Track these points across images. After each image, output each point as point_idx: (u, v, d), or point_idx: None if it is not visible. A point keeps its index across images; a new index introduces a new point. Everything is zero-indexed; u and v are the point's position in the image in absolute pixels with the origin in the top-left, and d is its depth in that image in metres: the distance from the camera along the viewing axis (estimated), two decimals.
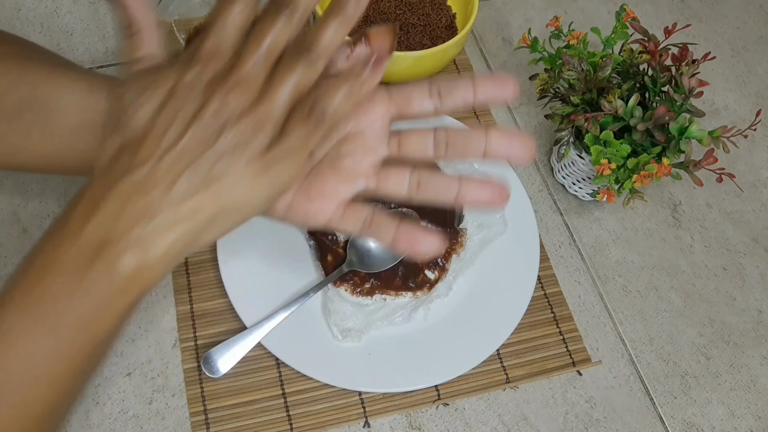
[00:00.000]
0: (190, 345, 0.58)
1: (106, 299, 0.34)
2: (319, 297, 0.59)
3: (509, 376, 0.59)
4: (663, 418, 0.60)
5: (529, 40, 0.68)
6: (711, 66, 0.75)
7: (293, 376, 0.57)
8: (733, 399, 0.61)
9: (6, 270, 0.59)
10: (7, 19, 0.72)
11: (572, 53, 0.64)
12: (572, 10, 0.83)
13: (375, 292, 0.59)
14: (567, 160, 0.66)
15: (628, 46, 0.65)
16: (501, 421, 0.58)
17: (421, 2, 0.74)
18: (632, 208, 0.70)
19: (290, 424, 0.55)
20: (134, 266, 0.34)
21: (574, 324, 0.63)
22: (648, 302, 0.65)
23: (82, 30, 0.73)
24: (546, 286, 0.64)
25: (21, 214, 0.62)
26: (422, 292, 0.60)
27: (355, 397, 0.57)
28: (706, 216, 0.71)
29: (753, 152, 0.76)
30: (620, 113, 0.59)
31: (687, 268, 0.68)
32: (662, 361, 0.62)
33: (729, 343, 0.64)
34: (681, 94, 0.60)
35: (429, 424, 0.57)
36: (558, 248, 0.67)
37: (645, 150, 0.60)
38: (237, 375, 0.56)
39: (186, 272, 0.61)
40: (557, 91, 0.66)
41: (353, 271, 0.59)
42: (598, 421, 0.59)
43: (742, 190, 0.72)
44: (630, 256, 0.67)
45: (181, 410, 0.55)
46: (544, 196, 0.70)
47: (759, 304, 0.66)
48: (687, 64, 0.61)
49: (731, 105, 0.79)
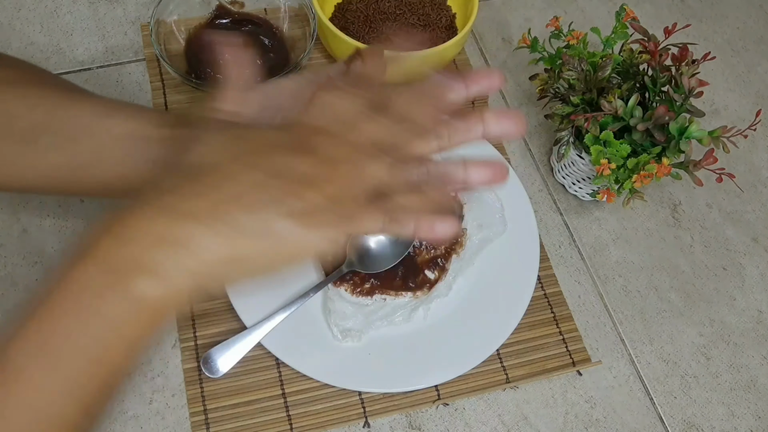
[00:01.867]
0: (190, 345, 0.58)
1: (123, 324, 0.34)
2: (319, 297, 0.59)
3: (509, 376, 0.59)
4: (663, 418, 0.60)
5: (529, 40, 0.68)
6: (711, 66, 0.75)
7: (293, 376, 0.57)
8: (733, 399, 0.61)
9: (6, 270, 0.59)
10: (7, 18, 0.72)
11: (572, 53, 0.64)
12: (572, 10, 0.83)
13: (375, 292, 0.59)
14: (567, 160, 0.66)
15: (628, 46, 0.65)
16: (501, 421, 0.58)
17: (421, 2, 0.74)
18: (632, 208, 0.70)
19: (290, 424, 0.55)
20: (155, 294, 0.34)
21: (574, 324, 0.63)
22: (648, 302, 0.65)
23: (82, 30, 0.73)
24: (546, 286, 0.64)
25: (21, 214, 0.62)
26: (422, 292, 0.60)
27: (355, 397, 0.57)
28: (706, 216, 0.71)
29: (753, 152, 0.76)
30: (620, 113, 0.59)
31: (687, 268, 0.68)
32: (662, 361, 0.62)
33: (729, 343, 0.64)
34: (681, 94, 0.60)
35: (429, 424, 0.57)
36: (558, 248, 0.67)
37: (645, 150, 0.60)
38: (237, 375, 0.56)
39: None
40: (557, 91, 0.66)
41: (353, 271, 0.59)
42: (598, 421, 0.59)
43: (742, 190, 0.72)
44: (630, 256, 0.67)
45: (181, 410, 0.55)
46: (544, 196, 0.70)
47: (759, 304, 0.66)
48: (687, 64, 0.61)
49: (731, 105, 0.79)
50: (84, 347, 0.33)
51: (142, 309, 0.34)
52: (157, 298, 0.34)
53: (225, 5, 0.71)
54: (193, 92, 0.69)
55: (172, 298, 0.34)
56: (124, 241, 0.34)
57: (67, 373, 0.33)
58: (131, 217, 0.34)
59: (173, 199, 0.35)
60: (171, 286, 0.34)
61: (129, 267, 0.33)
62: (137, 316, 0.34)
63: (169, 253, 0.34)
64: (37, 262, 0.60)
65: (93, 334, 0.33)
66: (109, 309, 0.33)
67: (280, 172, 0.36)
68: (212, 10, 0.71)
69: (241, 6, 0.72)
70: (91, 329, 0.33)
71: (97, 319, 0.33)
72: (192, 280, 0.34)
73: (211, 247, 0.34)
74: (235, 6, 0.71)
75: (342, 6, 0.74)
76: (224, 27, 0.70)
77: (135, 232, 0.34)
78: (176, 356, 0.57)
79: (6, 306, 0.58)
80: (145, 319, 0.34)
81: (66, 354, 0.33)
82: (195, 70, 0.68)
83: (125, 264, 0.33)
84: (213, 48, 0.44)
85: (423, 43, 0.47)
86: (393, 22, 0.72)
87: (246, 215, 0.35)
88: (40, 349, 0.33)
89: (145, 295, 0.33)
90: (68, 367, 0.33)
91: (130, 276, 0.33)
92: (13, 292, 0.58)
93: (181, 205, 0.35)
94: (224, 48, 0.43)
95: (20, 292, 0.58)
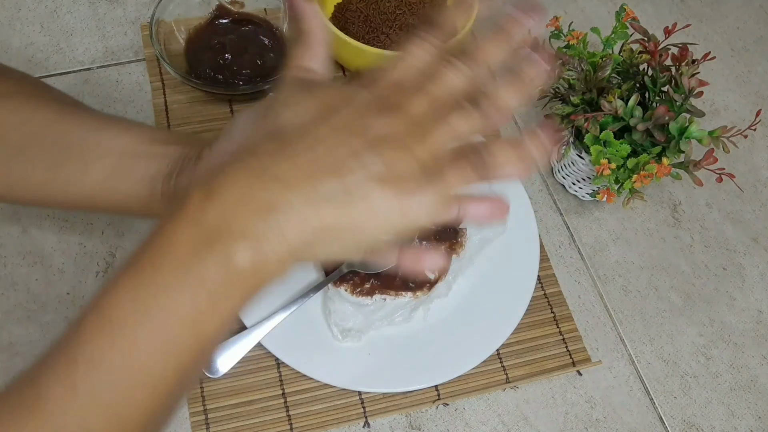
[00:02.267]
0: None
1: (218, 291, 0.32)
2: (319, 297, 0.59)
3: (509, 376, 0.59)
4: (663, 418, 0.60)
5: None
6: (711, 66, 0.75)
7: (293, 376, 0.57)
8: (733, 399, 0.61)
9: (6, 270, 0.59)
10: (7, 18, 0.72)
11: (572, 53, 0.64)
12: (572, 10, 0.83)
13: (375, 292, 0.59)
14: (567, 160, 0.66)
15: (628, 46, 0.65)
16: (501, 421, 0.58)
17: (421, 2, 0.74)
18: (632, 208, 0.70)
19: (290, 424, 0.55)
20: (250, 259, 0.32)
21: (574, 324, 0.63)
22: (648, 302, 0.65)
23: (82, 30, 0.73)
24: (546, 286, 0.64)
25: (21, 214, 0.62)
26: (422, 292, 0.60)
27: (355, 397, 0.57)
28: (706, 216, 0.71)
29: (753, 152, 0.76)
30: (620, 113, 0.59)
31: (687, 268, 0.68)
32: (662, 361, 0.62)
33: (729, 343, 0.64)
34: (681, 94, 0.60)
35: (429, 424, 0.57)
36: (558, 248, 0.67)
37: (645, 150, 0.60)
38: (237, 375, 0.56)
39: None
40: (557, 91, 0.66)
41: (353, 272, 0.59)
42: (598, 421, 0.59)
43: (742, 190, 0.72)
44: (630, 256, 0.67)
45: (181, 410, 0.55)
46: (544, 196, 0.70)
47: (759, 304, 0.66)
48: (687, 64, 0.61)
49: (731, 105, 0.79)
50: (182, 310, 0.32)
51: (237, 277, 0.32)
52: (250, 266, 0.32)
53: (225, 5, 0.71)
54: (193, 92, 0.69)
55: (264, 267, 0.33)
56: (219, 204, 0.32)
57: (167, 334, 0.32)
58: (225, 179, 0.33)
59: (265, 162, 0.33)
60: (265, 254, 0.33)
61: (224, 230, 0.32)
62: (231, 285, 0.33)
63: (265, 221, 0.32)
64: (37, 262, 0.60)
65: (190, 298, 0.32)
66: (203, 270, 0.32)
67: (371, 137, 0.34)
68: (212, 10, 0.71)
69: (241, 6, 0.72)
70: (188, 293, 0.32)
71: (193, 284, 0.32)
72: (286, 249, 0.33)
73: (306, 216, 0.33)
74: (235, 6, 0.71)
75: (342, 6, 0.74)
76: (224, 27, 0.70)
77: (229, 195, 0.32)
78: None
79: (6, 306, 0.58)
80: (238, 288, 0.33)
81: (162, 313, 0.32)
82: (195, 70, 0.68)
83: (220, 227, 0.32)
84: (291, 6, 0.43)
85: None
86: (393, 22, 0.72)
87: (338, 184, 0.33)
88: (137, 305, 0.32)
89: (239, 263, 0.32)
90: (164, 327, 0.32)
91: (226, 241, 0.32)
92: (12, 292, 0.58)
93: (275, 171, 0.33)
94: (298, 3, 0.42)
95: (20, 292, 0.58)
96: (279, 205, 0.33)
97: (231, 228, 0.32)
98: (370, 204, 0.34)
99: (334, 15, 0.74)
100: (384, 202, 0.34)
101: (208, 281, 0.32)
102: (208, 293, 0.32)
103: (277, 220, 0.32)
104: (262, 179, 0.33)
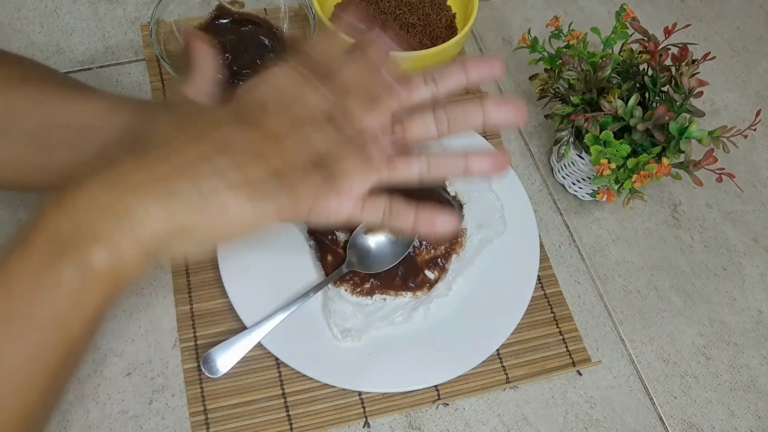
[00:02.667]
0: (190, 345, 0.58)
1: (78, 294, 0.34)
2: (319, 297, 0.59)
3: (509, 376, 0.59)
4: (663, 418, 0.60)
5: (529, 40, 0.68)
6: (711, 66, 0.75)
7: (293, 376, 0.57)
8: (733, 399, 0.61)
9: None
10: (7, 18, 0.72)
11: (572, 53, 0.64)
12: (572, 10, 0.83)
13: (375, 292, 0.59)
14: (567, 160, 0.66)
15: (628, 46, 0.65)
16: (501, 421, 0.58)
17: (421, 2, 0.74)
18: (632, 208, 0.70)
19: (290, 424, 0.55)
20: (107, 261, 0.34)
21: (574, 324, 0.63)
22: (648, 302, 0.65)
23: (82, 30, 0.73)
24: (546, 286, 0.64)
25: (20, 212, 0.62)
26: (422, 292, 0.60)
27: (355, 397, 0.57)
28: (706, 216, 0.71)
29: (753, 152, 0.76)
30: (620, 113, 0.59)
31: (687, 268, 0.68)
32: (662, 361, 0.62)
33: (729, 343, 0.64)
34: (681, 94, 0.60)
35: (429, 424, 0.57)
36: (558, 248, 0.67)
37: (645, 150, 0.60)
38: (237, 375, 0.56)
39: (186, 272, 0.61)
40: (557, 91, 0.66)
41: (353, 272, 0.59)
42: (598, 421, 0.59)
43: (742, 190, 0.72)
44: (630, 256, 0.67)
45: (181, 410, 0.55)
46: (544, 196, 0.70)
47: (759, 304, 0.66)
48: (687, 64, 0.61)
49: (731, 105, 0.79)
50: (43, 316, 0.34)
51: (94, 278, 0.34)
52: (108, 268, 0.34)
53: (225, 5, 0.71)
54: None
55: (122, 267, 0.35)
56: (72, 213, 0.34)
57: (30, 340, 0.34)
58: (78, 190, 0.35)
59: (120, 172, 0.35)
60: (120, 255, 0.34)
61: (76, 237, 0.34)
62: (90, 286, 0.34)
63: (116, 223, 0.34)
64: None
65: (50, 303, 0.34)
66: (61, 278, 0.34)
67: (224, 145, 0.37)
68: (212, 10, 0.71)
69: (241, 6, 0.72)
70: (47, 299, 0.34)
71: (51, 289, 0.34)
72: (141, 249, 0.35)
73: (157, 217, 0.35)
74: (235, 6, 0.71)
75: (342, 6, 0.74)
76: (224, 27, 0.70)
77: (82, 203, 0.34)
78: (176, 356, 0.57)
79: None
80: (98, 289, 0.35)
81: (26, 322, 0.34)
82: None
83: (73, 234, 0.34)
84: (188, 42, 0.46)
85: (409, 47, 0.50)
86: (393, 22, 0.72)
87: (190, 186, 0.35)
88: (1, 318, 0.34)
89: (95, 265, 0.34)
90: (30, 336, 0.34)
91: (79, 246, 0.34)
92: None
93: (128, 178, 0.35)
94: (196, 42, 0.45)
95: None
96: (130, 207, 0.34)
97: (82, 233, 0.34)
98: (223, 206, 0.36)
99: (334, 15, 0.74)
100: (236, 204, 0.36)
101: (66, 285, 0.34)
102: (67, 297, 0.34)
103: (130, 222, 0.34)
104: (115, 186, 0.35)
